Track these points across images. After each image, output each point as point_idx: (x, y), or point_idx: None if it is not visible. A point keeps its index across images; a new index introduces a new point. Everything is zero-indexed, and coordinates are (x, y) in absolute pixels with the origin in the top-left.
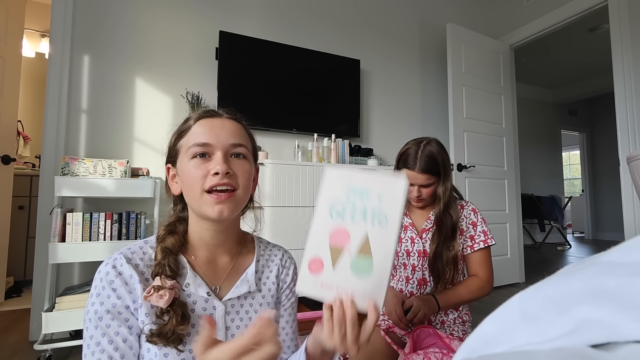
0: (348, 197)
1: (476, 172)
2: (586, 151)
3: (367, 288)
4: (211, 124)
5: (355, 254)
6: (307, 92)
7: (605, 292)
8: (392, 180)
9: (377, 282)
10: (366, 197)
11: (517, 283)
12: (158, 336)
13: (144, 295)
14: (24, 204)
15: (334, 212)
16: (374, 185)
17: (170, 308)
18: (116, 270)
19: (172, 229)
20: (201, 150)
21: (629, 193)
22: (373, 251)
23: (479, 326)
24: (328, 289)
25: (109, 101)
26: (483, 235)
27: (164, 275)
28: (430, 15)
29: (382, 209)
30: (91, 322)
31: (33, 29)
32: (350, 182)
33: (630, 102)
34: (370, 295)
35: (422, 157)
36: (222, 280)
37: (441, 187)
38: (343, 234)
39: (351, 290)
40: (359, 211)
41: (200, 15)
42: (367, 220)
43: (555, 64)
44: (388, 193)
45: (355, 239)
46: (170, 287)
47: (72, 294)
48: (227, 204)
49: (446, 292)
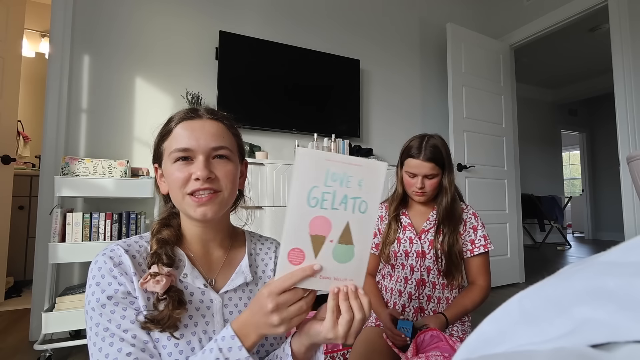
0: (326, 183)
1: (476, 172)
2: (586, 151)
3: (348, 273)
4: (192, 127)
5: (337, 242)
6: (307, 92)
7: (605, 292)
8: (373, 165)
9: (357, 267)
10: (346, 184)
11: (517, 283)
12: (152, 322)
13: (141, 281)
14: (24, 204)
15: (312, 199)
16: (354, 171)
17: (166, 294)
18: (114, 260)
19: (166, 222)
20: (182, 154)
21: (629, 193)
22: (354, 238)
23: (479, 326)
24: (310, 278)
25: (109, 101)
26: (483, 239)
27: (160, 263)
28: (430, 15)
29: (362, 196)
30: (95, 311)
31: (33, 29)
32: (328, 166)
33: (630, 102)
34: (352, 279)
35: (427, 147)
36: (216, 273)
37: (446, 179)
38: (324, 222)
39: (334, 277)
40: (339, 199)
41: (200, 16)
42: (347, 208)
43: (555, 64)
44: (369, 179)
45: (336, 227)
46: (167, 274)
47: (72, 294)
48: (209, 205)
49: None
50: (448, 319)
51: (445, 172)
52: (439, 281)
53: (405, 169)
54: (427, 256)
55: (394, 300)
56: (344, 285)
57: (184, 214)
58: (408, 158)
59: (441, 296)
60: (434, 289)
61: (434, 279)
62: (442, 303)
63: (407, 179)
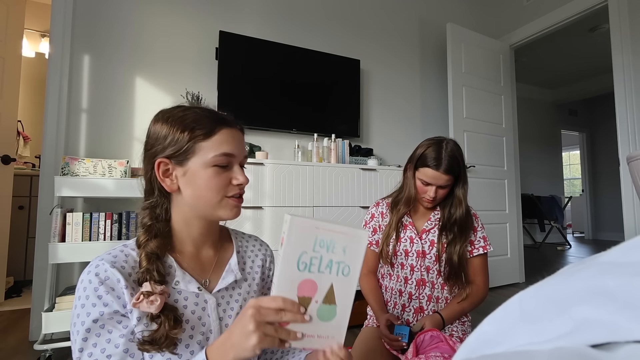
0: (314, 249)
1: (476, 172)
2: (586, 151)
3: (330, 331)
4: (232, 135)
5: (321, 303)
6: (307, 92)
7: (605, 292)
8: (356, 234)
9: (339, 324)
10: (332, 250)
11: (517, 283)
12: (150, 343)
13: (133, 302)
14: (24, 204)
15: (302, 264)
16: (340, 237)
17: (161, 313)
18: (99, 277)
19: (152, 230)
20: (226, 160)
21: (629, 193)
22: (337, 299)
23: (479, 326)
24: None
25: (109, 101)
26: (483, 241)
27: (152, 280)
28: (430, 15)
29: (346, 260)
30: (79, 335)
31: (33, 29)
32: (317, 234)
33: (630, 102)
34: (334, 336)
35: (447, 157)
36: (209, 273)
37: (460, 190)
38: (311, 285)
39: (317, 334)
40: (325, 263)
41: (200, 16)
42: (332, 271)
43: (556, 64)
44: (352, 246)
45: (321, 289)
46: (161, 292)
47: (72, 294)
48: (240, 207)
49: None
50: (444, 318)
51: (460, 182)
52: (438, 281)
53: (419, 176)
54: (427, 256)
55: (394, 300)
56: (328, 347)
57: (207, 215)
58: (424, 167)
59: (441, 296)
60: (433, 289)
61: (433, 278)
62: (441, 303)
63: (419, 185)
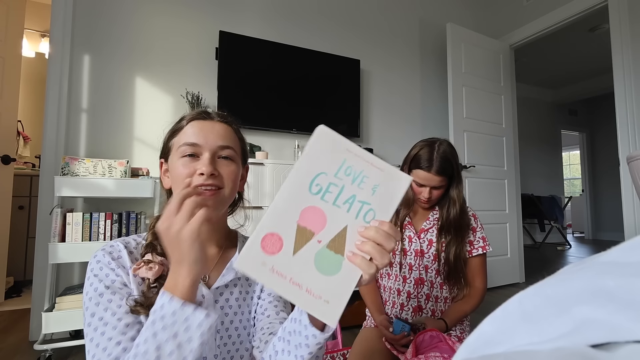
0: (337, 174)
1: (476, 172)
2: (586, 151)
3: (325, 290)
4: (202, 126)
5: (325, 245)
6: (307, 92)
7: (605, 292)
8: (396, 174)
9: (339, 286)
10: (358, 184)
11: (517, 283)
12: (142, 305)
13: (134, 267)
14: (24, 204)
15: (315, 186)
16: (373, 172)
17: (157, 282)
18: (112, 254)
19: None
20: (190, 150)
21: (629, 193)
22: (347, 249)
23: (479, 326)
24: (278, 277)
25: (109, 101)
26: (482, 241)
27: (154, 252)
28: (430, 15)
29: (372, 204)
30: (91, 301)
31: (33, 29)
32: (346, 157)
33: (630, 102)
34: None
35: (438, 159)
36: (210, 269)
37: (455, 190)
38: (319, 216)
39: (306, 287)
40: (345, 197)
41: (200, 16)
42: (351, 211)
43: (555, 64)
44: (386, 188)
45: (330, 229)
46: (160, 262)
47: (72, 294)
48: (210, 201)
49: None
50: (448, 324)
51: (454, 182)
52: (437, 280)
53: (413, 178)
54: (426, 255)
55: (393, 299)
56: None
57: None
58: (417, 168)
59: (439, 295)
60: (432, 288)
61: (432, 277)
62: (440, 302)
63: (414, 186)
